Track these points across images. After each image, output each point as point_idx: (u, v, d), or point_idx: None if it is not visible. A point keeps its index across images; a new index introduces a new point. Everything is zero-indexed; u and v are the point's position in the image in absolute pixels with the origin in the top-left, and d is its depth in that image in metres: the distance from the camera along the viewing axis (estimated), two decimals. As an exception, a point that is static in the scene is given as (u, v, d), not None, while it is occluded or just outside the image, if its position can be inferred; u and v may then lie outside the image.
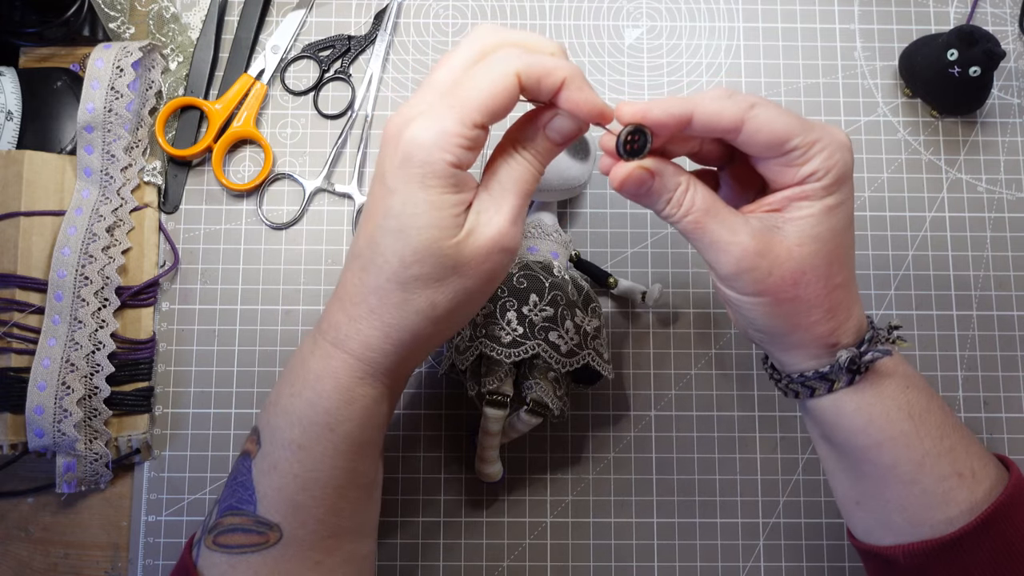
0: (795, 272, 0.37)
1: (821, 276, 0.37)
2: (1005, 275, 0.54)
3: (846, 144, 0.37)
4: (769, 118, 0.36)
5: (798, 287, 0.37)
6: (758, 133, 0.36)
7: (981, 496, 0.39)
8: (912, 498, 0.40)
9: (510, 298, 0.45)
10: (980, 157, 0.56)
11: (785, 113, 0.37)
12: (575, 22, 0.57)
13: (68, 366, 0.48)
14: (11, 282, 0.49)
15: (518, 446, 0.51)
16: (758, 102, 0.37)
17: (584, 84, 0.36)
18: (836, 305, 0.38)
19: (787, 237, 0.37)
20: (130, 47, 0.53)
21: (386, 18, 0.57)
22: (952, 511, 0.39)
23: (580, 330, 0.45)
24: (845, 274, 0.38)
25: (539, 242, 0.49)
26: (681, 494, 0.51)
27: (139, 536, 0.51)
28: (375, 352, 0.38)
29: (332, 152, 0.55)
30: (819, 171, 0.36)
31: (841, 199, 0.37)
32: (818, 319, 0.38)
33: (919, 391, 0.40)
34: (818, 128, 0.37)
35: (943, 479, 0.39)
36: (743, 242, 0.37)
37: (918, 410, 0.39)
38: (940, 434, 0.39)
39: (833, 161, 0.36)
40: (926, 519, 0.39)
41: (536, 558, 0.51)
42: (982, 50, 0.51)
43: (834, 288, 0.38)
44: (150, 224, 0.53)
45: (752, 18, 0.58)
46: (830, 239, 0.37)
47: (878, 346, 0.39)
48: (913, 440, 0.39)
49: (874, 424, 0.39)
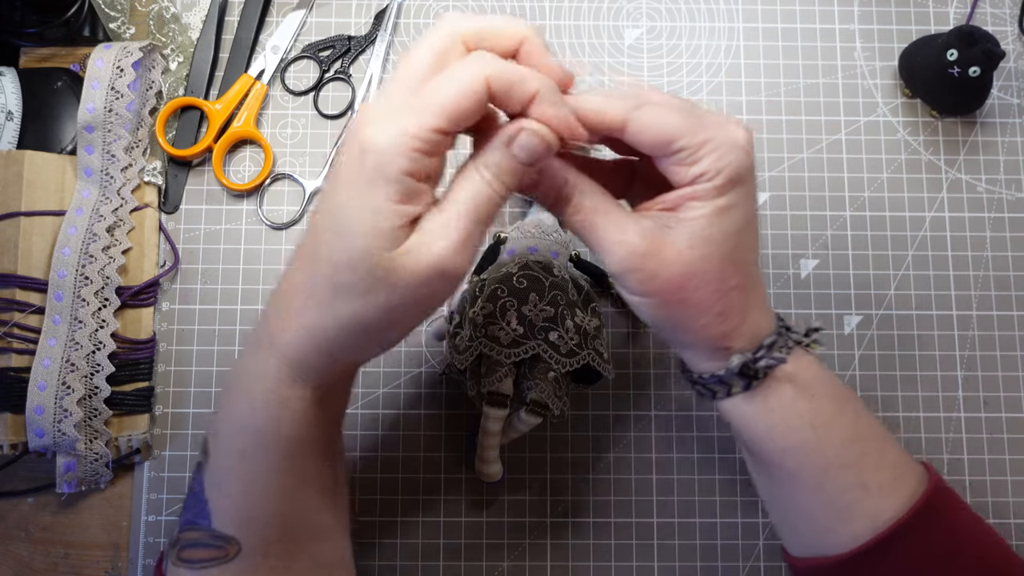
0: (683, 275, 0.36)
1: (712, 279, 0.36)
2: (1005, 275, 0.54)
3: (740, 144, 0.35)
4: (654, 118, 0.35)
5: (685, 290, 0.36)
6: (642, 133, 0.35)
7: (887, 511, 0.38)
8: (816, 508, 0.39)
9: (510, 298, 0.45)
10: (980, 157, 0.56)
11: (675, 112, 0.35)
12: (575, 22, 0.57)
13: (68, 366, 0.48)
14: (11, 282, 0.49)
15: (518, 446, 0.51)
16: (647, 101, 0.36)
17: (557, 98, 0.33)
18: (729, 309, 0.37)
19: (677, 239, 0.36)
20: (130, 47, 0.53)
21: (386, 18, 0.57)
22: (856, 526, 0.38)
23: (580, 330, 0.45)
24: (740, 277, 0.37)
25: (539, 242, 0.49)
26: (681, 494, 0.51)
27: (139, 536, 0.51)
28: (301, 355, 0.36)
29: (332, 152, 0.55)
30: (709, 172, 0.35)
31: (734, 200, 0.36)
32: (708, 322, 0.37)
33: (827, 399, 0.39)
34: (711, 127, 0.35)
35: (846, 490, 0.38)
36: (630, 242, 0.36)
37: (822, 419, 0.38)
38: (846, 445, 0.38)
39: (724, 162, 0.35)
40: (830, 530, 0.39)
41: (536, 558, 0.51)
42: (982, 50, 0.51)
43: (727, 291, 0.37)
44: (150, 224, 0.53)
45: (752, 18, 0.58)
46: (722, 241, 0.36)
47: (775, 352, 0.37)
48: (815, 450, 0.38)
49: (775, 431, 0.39)
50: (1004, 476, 0.52)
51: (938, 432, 0.52)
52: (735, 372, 0.38)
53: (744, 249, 0.37)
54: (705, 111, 0.36)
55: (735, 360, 0.37)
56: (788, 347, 0.38)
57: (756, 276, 0.38)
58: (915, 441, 0.52)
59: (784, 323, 0.39)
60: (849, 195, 0.55)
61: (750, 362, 0.37)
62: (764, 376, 0.38)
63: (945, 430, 0.52)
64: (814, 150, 0.56)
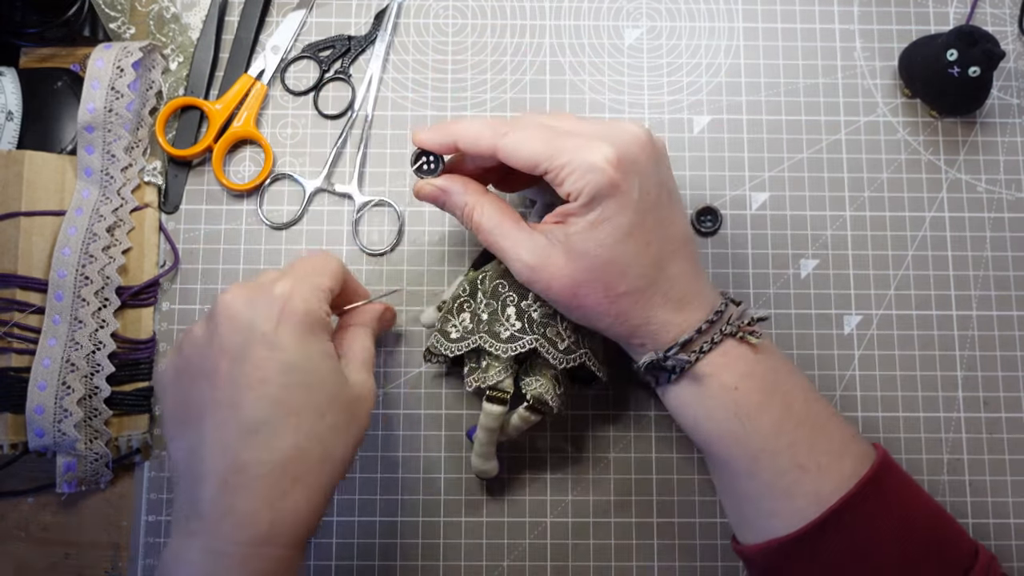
0: (570, 285, 0.40)
1: (598, 287, 0.40)
2: (1005, 275, 0.54)
3: (597, 166, 0.38)
4: (516, 145, 0.40)
5: (577, 298, 0.40)
6: (510, 158, 0.40)
7: (829, 488, 0.39)
8: (755, 490, 0.41)
9: (511, 293, 0.45)
10: (980, 157, 0.56)
11: (535, 140, 0.39)
12: (575, 22, 0.57)
13: (68, 366, 0.48)
14: (11, 282, 0.49)
15: (518, 446, 0.51)
16: (513, 129, 0.40)
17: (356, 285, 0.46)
18: (624, 312, 0.40)
19: (562, 252, 0.40)
20: (130, 47, 0.53)
21: (386, 18, 0.57)
22: (799, 502, 0.39)
23: (578, 329, 0.45)
24: (630, 282, 0.40)
25: (539, 242, 0.49)
26: (681, 494, 0.51)
27: (139, 536, 0.51)
28: (305, 527, 0.36)
29: (332, 152, 0.55)
30: (572, 192, 0.39)
31: (604, 214, 0.39)
32: (610, 323, 0.41)
33: (752, 391, 0.40)
34: (568, 150, 0.39)
35: (783, 473, 0.40)
36: (522, 258, 0.41)
37: (747, 409, 0.40)
38: (775, 432, 0.40)
39: (582, 183, 0.38)
40: (775, 511, 0.40)
41: (536, 558, 0.51)
42: (982, 50, 0.51)
43: (617, 297, 0.40)
44: (150, 224, 0.53)
45: (752, 18, 0.58)
46: (600, 252, 0.39)
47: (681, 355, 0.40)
48: (742, 438, 0.40)
49: (700, 422, 0.41)
50: (1004, 476, 0.52)
51: (938, 432, 0.52)
52: (644, 369, 0.41)
53: (628, 257, 0.39)
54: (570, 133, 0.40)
55: (644, 358, 0.41)
56: (713, 342, 0.40)
57: (656, 277, 0.40)
58: (915, 441, 0.52)
59: (718, 315, 0.41)
60: (849, 195, 0.55)
61: (659, 360, 0.41)
62: (679, 372, 0.41)
63: (945, 430, 0.52)
64: (814, 150, 0.56)
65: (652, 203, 0.40)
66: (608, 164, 0.38)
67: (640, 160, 0.40)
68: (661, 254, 0.40)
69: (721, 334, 0.41)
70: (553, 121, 0.42)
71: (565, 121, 0.42)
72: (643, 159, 0.40)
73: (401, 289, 0.52)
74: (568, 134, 0.40)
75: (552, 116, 0.42)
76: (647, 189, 0.40)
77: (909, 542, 0.39)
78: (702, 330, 0.41)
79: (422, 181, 0.44)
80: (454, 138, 0.42)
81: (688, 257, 0.42)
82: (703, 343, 0.41)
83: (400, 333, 0.53)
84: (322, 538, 0.50)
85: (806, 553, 0.39)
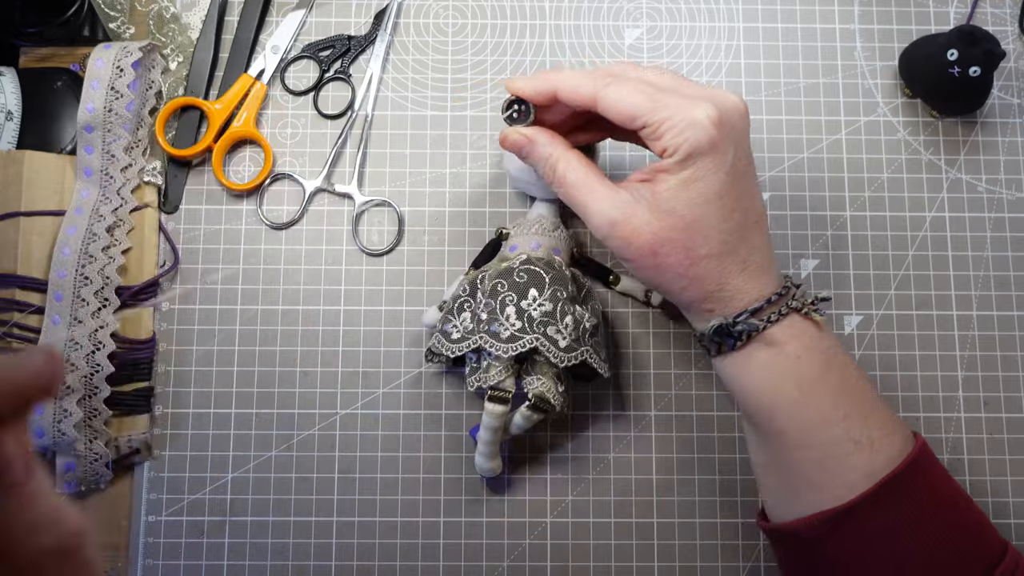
0: (652, 243, 0.40)
1: (679, 248, 0.40)
2: (1005, 275, 0.54)
3: (699, 122, 0.38)
4: (618, 97, 0.39)
5: (657, 256, 0.40)
6: (608, 110, 0.40)
7: (881, 463, 0.39)
8: (807, 463, 0.41)
9: (510, 293, 0.45)
10: (980, 157, 0.56)
11: (636, 92, 0.39)
12: (575, 22, 0.57)
13: (68, 366, 0.48)
14: (11, 282, 0.49)
15: (518, 445, 0.51)
16: (615, 79, 0.40)
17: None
18: (703, 276, 0.40)
19: (647, 210, 0.40)
20: (130, 47, 0.53)
21: (386, 18, 0.57)
22: (851, 475, 0.39)
23: (579, 326, 0.45)
24: (712, 246, 0.40)
25: (541, 238, 0.49)
26: (681, 494, 0.51)
27: (139, 536, 0.51)
28: None
29: (332, 152, 0.55)
30: (669, 148, 0.39)
31: (698, 174, 0.39)
32: (685, 286, 0.41)
33: (814, 363, 0.41)
34: (671, 106, 0.38)
35: (836, 444, 0.40)
36: (605, 213, 0.40)
37: (808, 380, 0.40)
38: (833, 404, 0.40)
39: (681, 139, 0.38)
40: (825, 483, 0.40)
41: (536, 558, 0.51)
42: (982, 50, 0.51)
43: (698, 259, 0.40)
44: (150, 224, 0.53)
45: (752, 18, 0.58)
46: (687, 212, 0.39)
47: (752, 320, 0.40)
48: (800, 408, 0.40)
49: (761, 390, 0.41)
50: (1004, 476, 0.52)
51: (938, 432, 0.52)
52: (711, 334, 0.41)
53: (715, 219, 0.39)
54: (673, 91, 0.39)
55: (712, 322, 0.41)
56: (781, 313, 0.41)
57: (737, 244, 0.40)
58: (915, 441, 0.52)
59: (786, 290, 0.41)
60: (849, 195, 0.55)
61: (728, 325, 0.40)
62: (746, 339, 0.41)
63: (945, 430, 0.52)
64: (814, 150, 0.56)
65: (742, 171, 0.40)
66: (711, 122, 0.38)
67: (738, 127, 0.40)
68: (745, 223, 0.41)
69: (788, 307, 0.41)
70: (654, 76, 0.41)
71: (665, 77, 0.41)
72: (741, 127, 0.40)
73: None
74: (669, 91, 0.40)
75: (654, 71, 0.42)
76: (740, 156, 0.40)
77: (948, 523, 0.40)
78: (772, 301, 0.41)
79: (510, 128, 0.44)
80: (554, 87, 0.41)
81: (765, 231, 0.42)
82: (772, 313, 0.41)
83: (400, 333, 0.53)
84: (322, 538, 0.51)
85: (855, 525, 0.39)
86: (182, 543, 0.50)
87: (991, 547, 0.41)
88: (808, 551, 0.41)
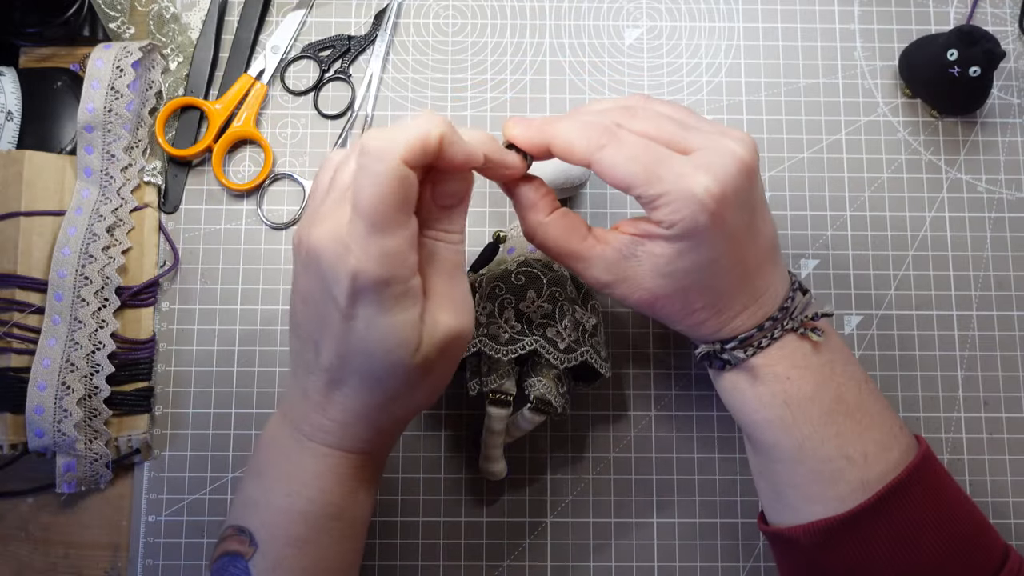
0: (648, 300, 0.40)
1: (676, 303, 0.40)
2: (1005, 275, 0.54)
3: (696, 198, 0.35)
4: (612, 164, 0.37)
5: (653, 308, 0.40)
6: (604, 175, 0.37)
7: (874, 477, 0.39)
8: (799, 476, 0.41)
9: (508, 295, 0.45)
10: (980, 157, 0.56)
11: (631, 161, 0.36)
12: (575, 22, 0.57)
13: (68, 366, 0.48)
14: (11, 282, 0.49)
15: (519, 446, 0.51)
16: (611, 142, 0.37)
17: (455, 136, 0.34)
18: (700, 322, 0.40)
19: (641, 268, 0.39)
20: (130, 47, 0.53)
21: (386, 18, 0.57)
22: (842, 489, 0.39)
23: (579, 327, 0.45)
24: (706, 300, 0.39)
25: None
26: (681, 494, 0.51)
27: (139, 536, 0.51)
28: (370, 444, 0.39)
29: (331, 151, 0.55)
30: (664, 222, 0.37)
31: (692, 246, 0.37)
32: (684, 327, 0.42)
33: (805, 382, 0.40)
34: (667, 180, 0.36)
35: (828, 461, 0.40)
36: (598, 277, 0.40)
37: (797, 399, 0.40)
38: (824, 422, 0.40)
39: (678, 216, 0.36)
40: (816, 496, 0.40)
41: (536, 558, 0.51)
42: (982, 50, 0.51)
43: (692, 312, 0.40)
44: (150, 224, 0.53)
45: (752, 18, 0.58)
46: (682, 277, 0.38)
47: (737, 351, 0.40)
48: (790, 425, 0.40)
49: (749, 406, 0.41)
50: (1004, 476, 0.52)
51: (938, 432, 0.52)
52: (698, 359, 0.42)
53: (707, 279, 0.39)
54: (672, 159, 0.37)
55: (701, 349, 0.42)
56: (773, 337, 0.40)
57: (736, 293, 0.40)
58: (915, 441, 0.52)
59: (783, 312, 0.41)
60: (849, 195, 0.55)
61: (715, 352, 0.41)
62: (735, 364, 0.41)
63: (945, 430, 0.52)
64: (814, 150, 0.56)
65: (745, 226, 0.38)
66: (710, 198, 0.35)
67: (743, 190, 0.37)
68: (747, 269, 0.39)
69: (783, 330, 0.40)
70: (668, 112, 0.39)
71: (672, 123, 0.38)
72: (745, 187, 0.37)
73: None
74: (670, 158, 0.36)
75: (669, 107, 0.40)
76: (743, 215, 0.38)
77: (948, 532, 0.40)
78: (763, 327, 0.40)
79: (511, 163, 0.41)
80: (549, 141, 0.38)
81: (773, 261, 0.41)
82: (762, 338, 0.40)
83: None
84: (322, 538, 0.50)
85: (854, 534, 0.39)
86: (182, 543, 0.50)
87: (993, 553, 0.40)
88: (807, 557, 0.41)
